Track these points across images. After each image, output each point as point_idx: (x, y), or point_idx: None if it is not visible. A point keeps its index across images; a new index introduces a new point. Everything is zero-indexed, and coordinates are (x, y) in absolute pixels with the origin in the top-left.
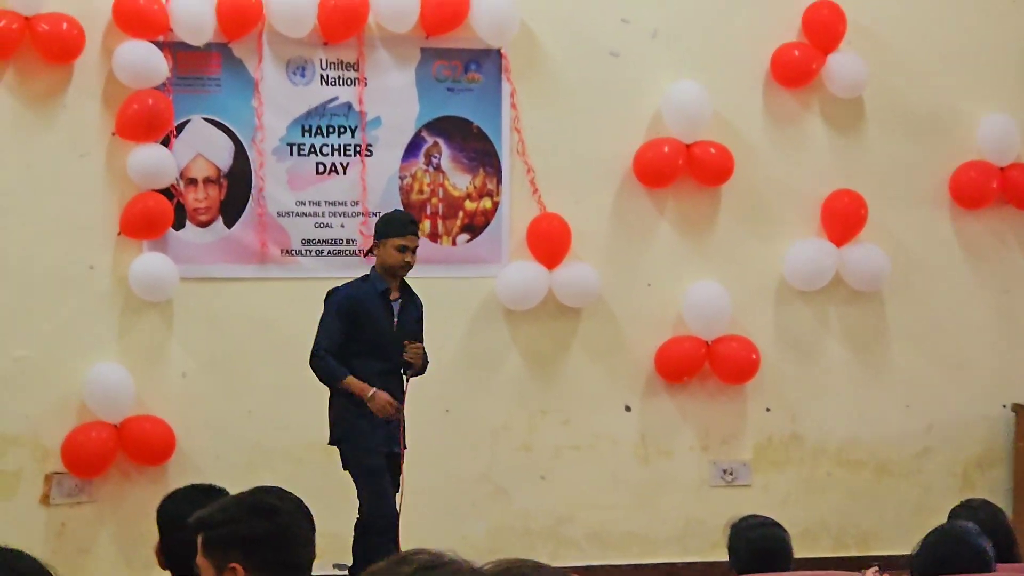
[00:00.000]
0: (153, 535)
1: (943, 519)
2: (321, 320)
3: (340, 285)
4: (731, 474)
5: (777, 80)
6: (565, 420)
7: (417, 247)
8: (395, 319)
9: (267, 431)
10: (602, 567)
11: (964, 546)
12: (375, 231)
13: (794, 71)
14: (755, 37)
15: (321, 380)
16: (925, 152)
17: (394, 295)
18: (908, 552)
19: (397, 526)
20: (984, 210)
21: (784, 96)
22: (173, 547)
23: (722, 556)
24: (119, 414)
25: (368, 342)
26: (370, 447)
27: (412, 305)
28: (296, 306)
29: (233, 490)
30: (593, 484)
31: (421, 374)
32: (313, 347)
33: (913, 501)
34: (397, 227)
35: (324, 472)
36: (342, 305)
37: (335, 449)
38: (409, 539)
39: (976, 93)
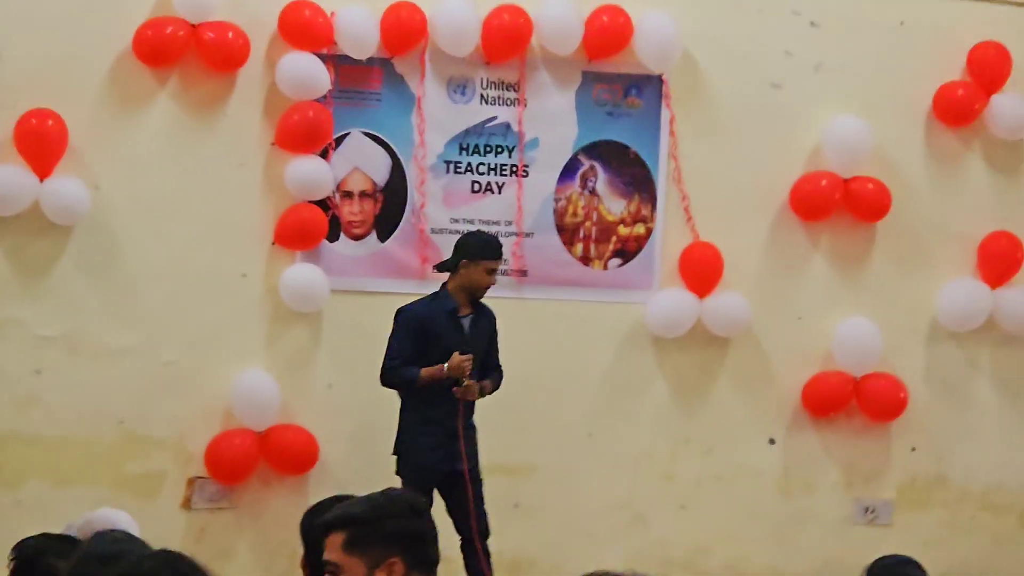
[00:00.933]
0: (292, 544)
1: None
2: (390, 338)
3: (409, 303)
4: (873, 512)
5: (939, 118)
6: (708, 450)
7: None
8: (465, 335)
9: None
10: None
11: None
12: (464, 250)
13: (957, 110)
14: (919, 74)
15: (399, 387)
16: None
17: (464, 311)
18: None
19: None
20: None
21: (945, 135)
22: (320, 560)
23: None
24: (264, 422)
25: (438, 360)
26: (424, 465)
27: (484, 319)
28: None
29: None
30: (733, 516)
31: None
32: (383, 364)
33: None
34: (492, 251)
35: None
36: (410, 323)
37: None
38: (544, 562)
39: None
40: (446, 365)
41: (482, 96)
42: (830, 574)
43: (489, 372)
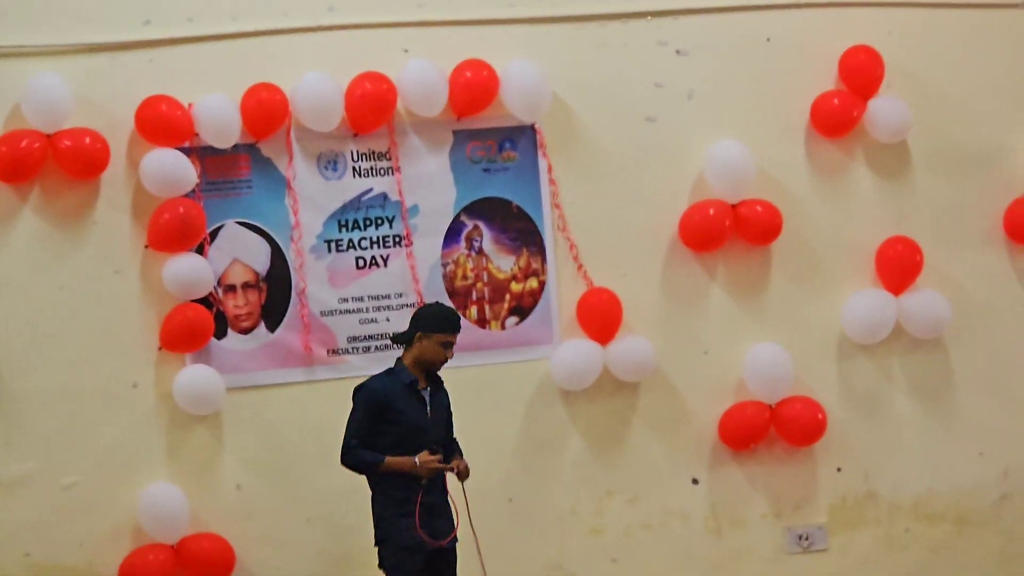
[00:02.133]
0: None
1: None
2: (350, 417)
3: (366, 380)
4: (807, 539)
5: (818, 130)
6: (632, 499)
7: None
8: (428, 408)
9: (329, 538)
10: None
11: None
12: (419, 323)
13: (835, 120)
14: (792, 89)
15: (359, 471)
16: (976, 190)
17: (422, 384)
18: None
19: None
20: None
21: (827, 146)
22: None
23: None
24: (175, 534)
25: (400, 435)
26: (412, 546)
27: (442, 392)
28: (348, 407)
29: None
30: (667, 562)
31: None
32: (343, 444)
33: (995, 550)
34: (447, 324)
35: None
36: (371, 400)
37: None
38: None
39: (1021, 124)
40: (417, 460)
41: (354, 169)
42: None
43: (449, 447)
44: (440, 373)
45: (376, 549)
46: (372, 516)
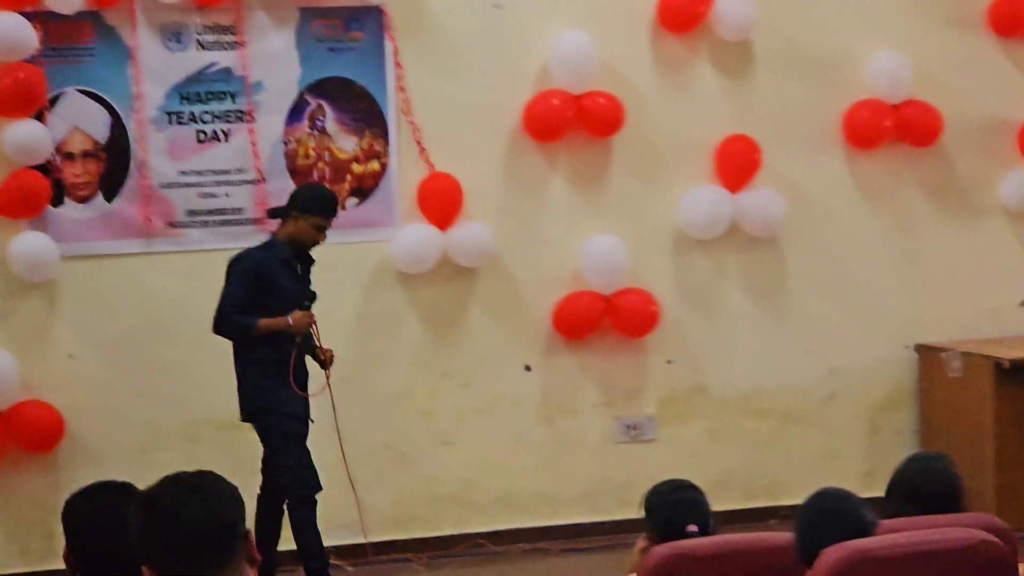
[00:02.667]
0: (49, 523)
1: (849, 464)
2: (225, 286)
3: (243, 252)
4: (636, 429)
5: (664, 25)
6: (466, 383)
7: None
8: (301, 282)
9: (160, 410)
10: (510, 531)
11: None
12: (297, 203)
13: (681, 15)
14: None
15: (233, 337)
16: (817, 93)
17: (295, 261)
18: None
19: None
20: (879, 149)
21: (672, 42)
22: (83, 550)
23: (629, 514)
24: (4, 401)
25: (276, 310)
26: (293, 413)
27: (309, 272)
28: (184, 280)
29: (127, 473)
30: (498, 447)
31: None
32: (217, 311)
33: (819, 447)
34: (322, 207)
35: (221, 450)
36: (249, 271)
37: (232, 426)
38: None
39: (866, 31)
40: (290, 319)
41: (199, 42)
42: (599, 495)
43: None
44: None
45: (250, 424)
46: (239, 391)
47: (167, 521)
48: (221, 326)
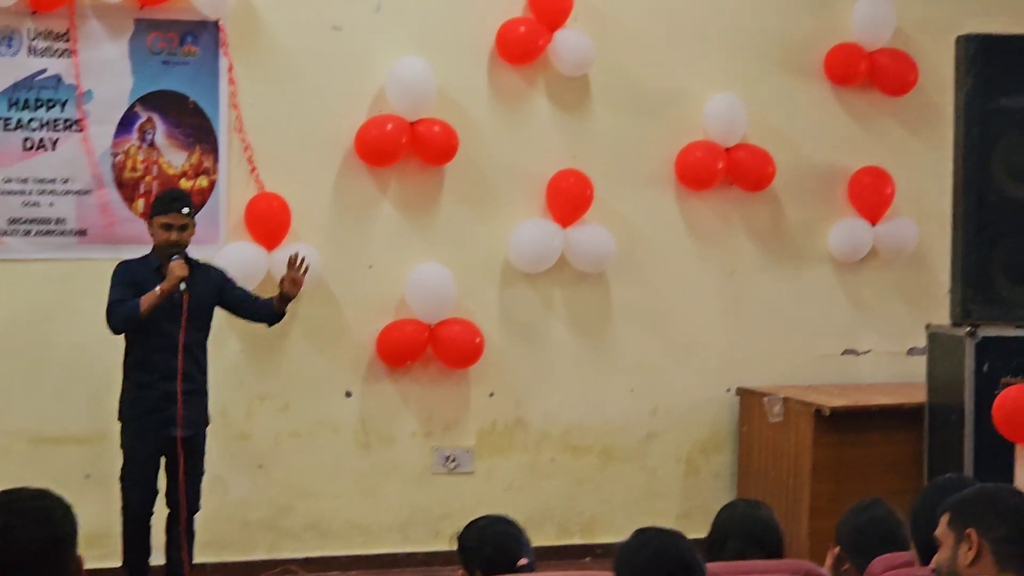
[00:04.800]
0: None
1: (668, 504)
2: (110, 290)
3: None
4: (454, 461)
5: (503, 56)
6: (284, 406)
7: (186, 224)
8: (182, 294)
9: None
10: (322, 558)
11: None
12: (149, 211)
13: (520, 48)
14: (481, 12)
15: (127, 325)
16: (651, 132)
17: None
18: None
19: (145, 522)
20: (710, 191)
21: (509, 73)
22: None
23: (443, 545)
24: None
25: (151, 321)
26: (141, 430)
27: (201, 277)
28: (4, 290)
29: None
30: (313, 473)
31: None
32: (106, 310)
33: (638, 487)
34: (161, 205)
35: (28, 462)
36: (125, 276)
37: (41, 438)
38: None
39: (703, 72)
40: (163, 284)
41: (30, 48)
42: (414, 525)
43: (259, 306)
44: (100, 265)
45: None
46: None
47: (7, 553)
48: (111, 321)
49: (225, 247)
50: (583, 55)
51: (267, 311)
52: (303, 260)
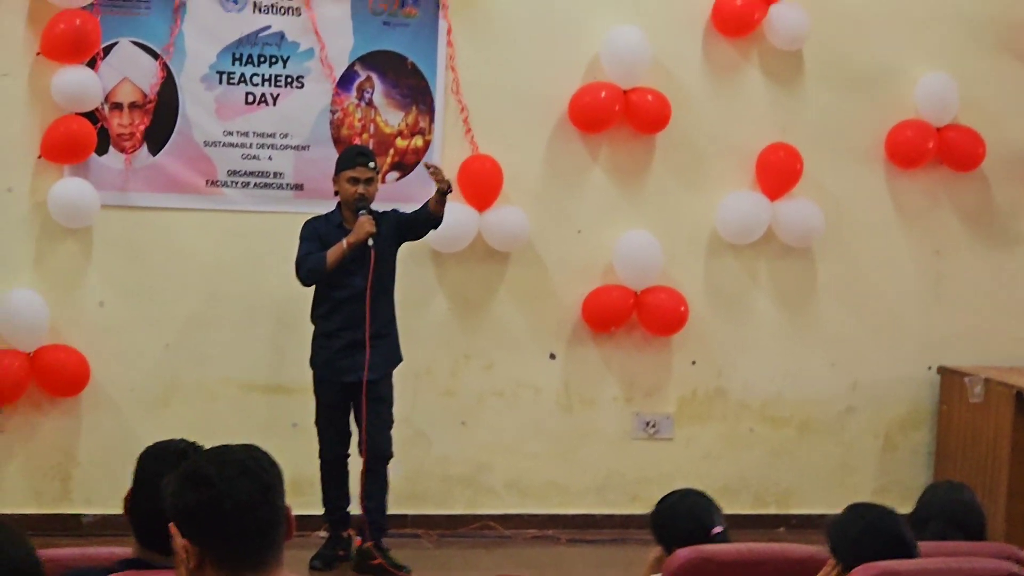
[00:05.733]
0: (66, 467)
1: (864, 479)
2: (298, 248)
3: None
4: (654, 427)
5: (718, 29)
6: (488, 366)
7: (372, 178)
8: (370, 247)
9: (183, 365)
10: (520, 516)
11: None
12: (335, 168)
13: (736, 20)
14: None
15: (313, 275)
16: (863, 109)
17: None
18: (826, 511)
19: (340, 466)
20: (919, 170)
21: (724, 45)
22: (141, 501)
23: (640, 509)
24: (32, 342)
25: (334, 274)
26: (328, 377)
27: (388, 226)
28: (220, 239)
29: (146, 425)
30: (514, 432)
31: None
32: (296, 263)
33: (835, 460)
34: (347, 159)
35: (238, 409)
36: (311, 231)
37: (252, 386)
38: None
39: (916, 51)
40: (348, 238)
41: (255, 4)
42: (611, 488)
43: (425, 215)
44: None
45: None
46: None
47: (222, 505)
48: (300, 273)
49: None
50: (798, 30)
51: (428, 216)
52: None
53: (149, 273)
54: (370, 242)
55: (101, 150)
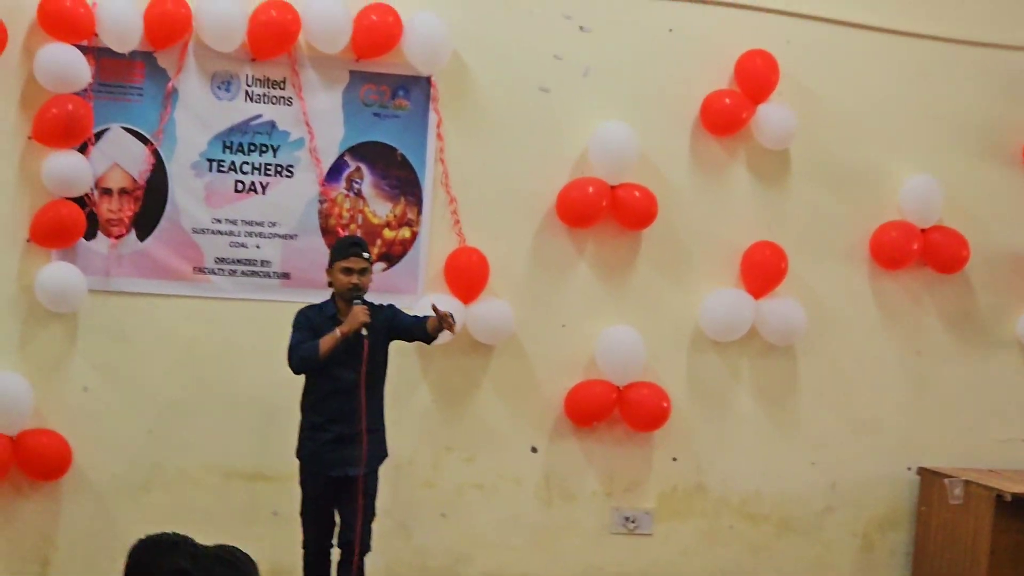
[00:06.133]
0: (44, 551)
1: None
2: (290, 336)
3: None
4: (633, 522)
5: (706, 127)
6: (470, 458)
7: (366, 268)
8: (362, 339)
9: (166, 451)
10: None
11: None
12: (329, 258)
13: (724, 119)
14: (686, 82)
15: (305, 364)
16: (848, 209)
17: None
18: None
19: (324, 558)
20: (903, 271)
21: (711, 143)
22: None
23: None
24: (15, 426)
25: (327, 370)
26: (315, 470)
27: (381, 319)
28: (206, 326)
29: (127, 511)
30: (494, 524)
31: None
32: (288, 351)
33: (812, 559)
34: (340, 249)
35: (220, 496)
36: (304, 321)
37: (234, 473)
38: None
39: (901, 153)
40: (342, 327)
41: (247, 93)
42: None
43: (420, 327)
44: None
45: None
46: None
47: None
48: (292, 362)
49: (423, 298)
50: (786, 129)
51: (423, 334)
52: (450, 316)
53: (134, 359)
54: (364, 332)
55: (89, 235)
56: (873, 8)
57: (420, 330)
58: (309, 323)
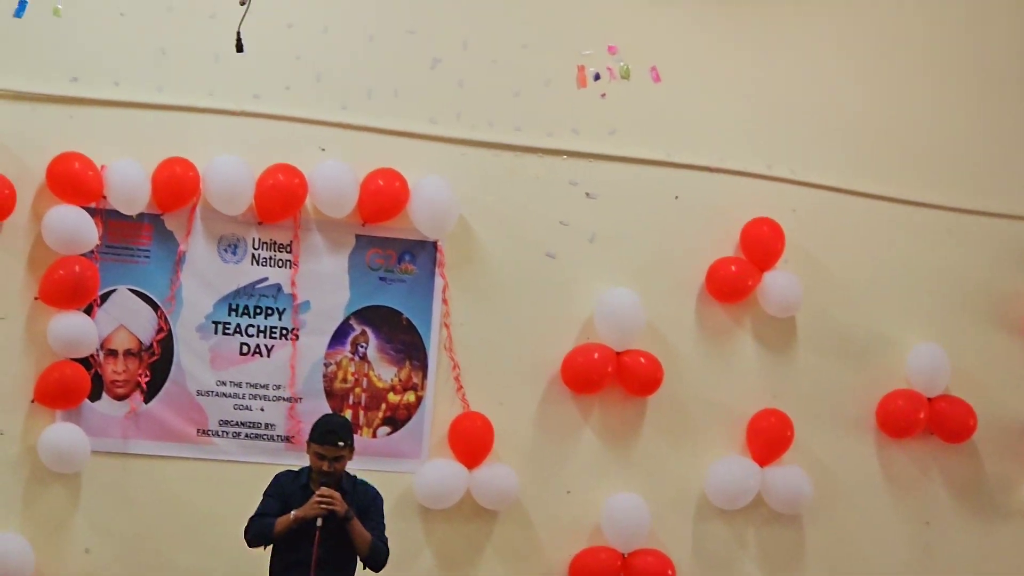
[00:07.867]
0: None
1: None
2: (260, 502)
3: (283, 471)
4: None
5: (712, 294)
6: None
7: (340, 456)
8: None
9: None
10: None
11: None
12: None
13: (729, 286)
14: (692, 249)
15: (258, 539)
16: (854, 377)
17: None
18: None
19: None
20: (909, 440)
21: (717, 310)
22: None
23: None
24: None
25: (286, 537)
26: None
27: (356, 499)
28: (208, 488)
29: None
30: None
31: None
32: (248, 519)
33: None
34: (316, 434)
35: None
36: (276, 488)
37: None
38: None
39: (908, 321)
40: (296, 512)
41: (254, 256)
42: None
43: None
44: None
45: None
46: None
47: None
48: (247, 535)
49: (427, 463)
50: (792, 297)
51: (362, 551)
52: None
53: (137, 521)
54: (318, 522)
55: (94, 396)
56: (877, 177)
57: (363, 547)
58: (280, 491)
